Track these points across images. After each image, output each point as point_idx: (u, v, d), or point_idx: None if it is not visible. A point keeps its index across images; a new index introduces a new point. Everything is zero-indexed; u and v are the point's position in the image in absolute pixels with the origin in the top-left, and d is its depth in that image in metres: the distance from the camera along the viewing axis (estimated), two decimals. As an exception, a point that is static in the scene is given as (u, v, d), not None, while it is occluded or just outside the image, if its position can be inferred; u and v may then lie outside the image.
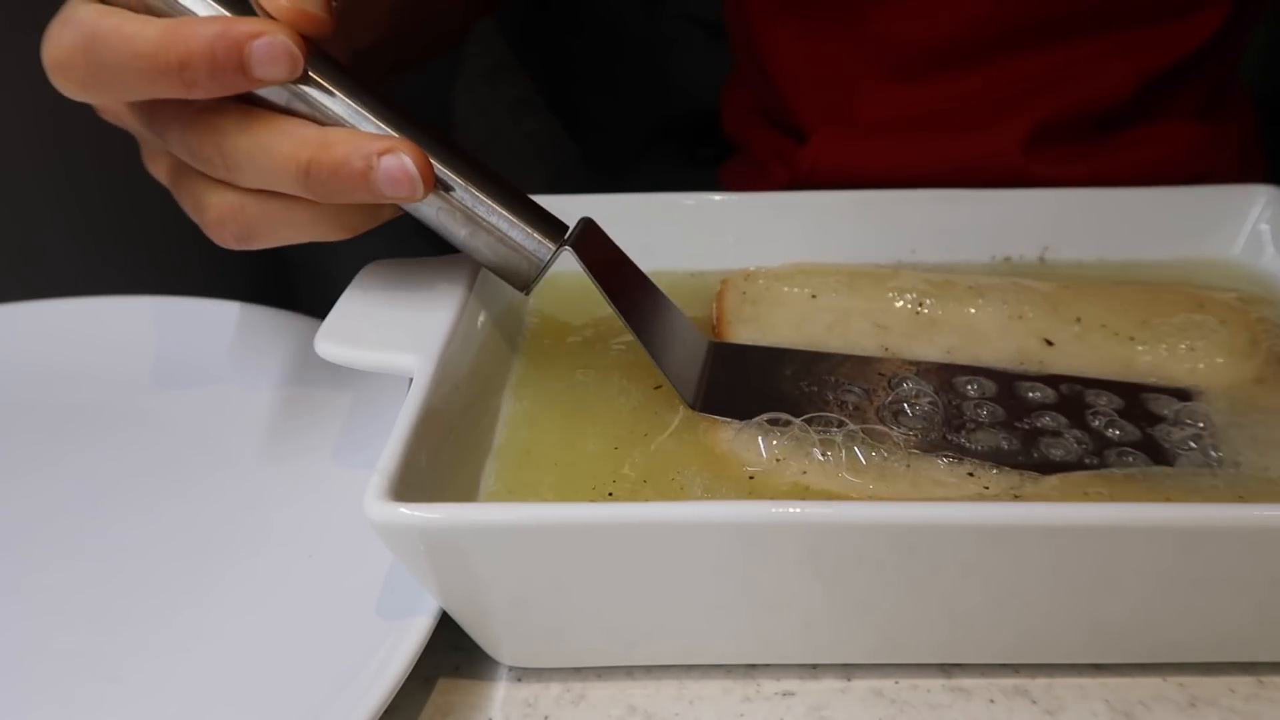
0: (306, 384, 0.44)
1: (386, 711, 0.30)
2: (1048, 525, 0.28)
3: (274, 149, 0.32)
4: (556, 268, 0.36)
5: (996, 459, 0.35)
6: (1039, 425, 0.37)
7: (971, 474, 0.35)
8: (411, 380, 0.34)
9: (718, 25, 0.65)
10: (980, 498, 0.34)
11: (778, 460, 0.35)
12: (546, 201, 0.38)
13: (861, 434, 0.36)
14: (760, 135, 0.63)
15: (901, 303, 0.42)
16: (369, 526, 0.29)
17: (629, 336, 0.41)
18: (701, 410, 0.37)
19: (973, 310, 0.42)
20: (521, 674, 0.34)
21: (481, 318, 0.40)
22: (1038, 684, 0.33)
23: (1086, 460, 0.35)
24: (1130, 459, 0.35)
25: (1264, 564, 0.29)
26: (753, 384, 0.39)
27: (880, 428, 0.36)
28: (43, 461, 0.42)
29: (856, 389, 0.38)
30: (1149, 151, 0.54)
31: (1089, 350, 0.40)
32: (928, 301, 0.42)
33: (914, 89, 0.54)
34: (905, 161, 0.54)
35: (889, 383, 0.38)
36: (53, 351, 0.47)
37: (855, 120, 0.56)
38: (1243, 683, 0.33)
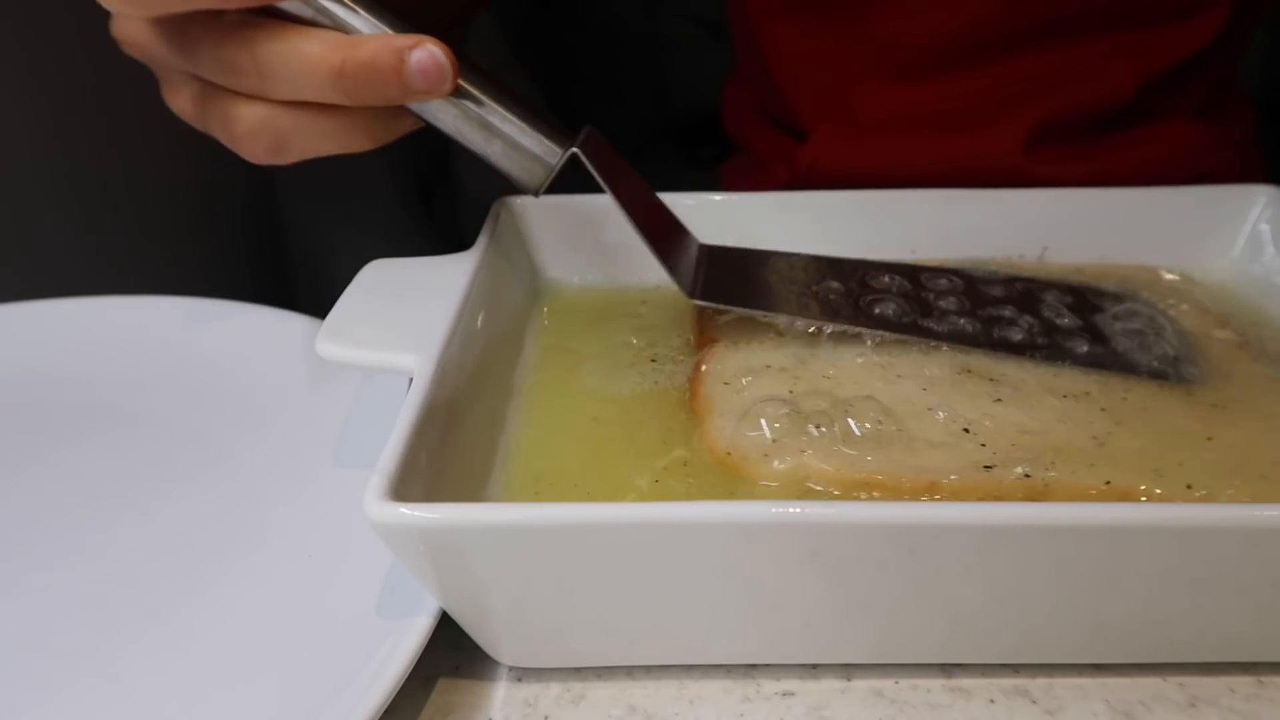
0: (306, 384, 0.44)
1: (386, 711, 0.30)
2: (1048, 525, 0.28)
3: (308, 52, 0.34)
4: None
5: (960, 339, 0.39)
6: (997, 314, 0.41)
7: (967, 429, 0.35)
8: (411, 380, 0.34)
9: (718, 25, 0.65)
10: (979, 454, 0.34)
11: (774, 442, 0.35)
12: (548, 199, 0.38)
13: (846, 408, 0.37)
14: (761, 134, 0.63)
15: None
16: (369, 526, 0.29)
17: (648, 355, 0.41)
18: (700, 298, 0.40)
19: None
20: (521, 674, 0.34)
21: (482, 317, 0.39)
22: (1038, 684, 0.33)
23: (1039, 341, 0.40)
24: (1081, 345, 0.39)
25: (1264, 564, 0.29)
26: (742, 279, 0.42)
27: (855, 327, 0.40)
28: (42, 461, 0.42)
29: (835, 284, 0.42)
30: (1149, 152, 0.54)
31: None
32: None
33: (915, 89, 0.54)
34: (905, 161, 0.54)
35: (863, 279, 0.42)
36: (52, 351, 0.47)
37: (856, 120, 0.56)
38: (1243, 683, 0.33)
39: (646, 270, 0.45)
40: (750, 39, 0.59)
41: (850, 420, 0.36)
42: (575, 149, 0.38)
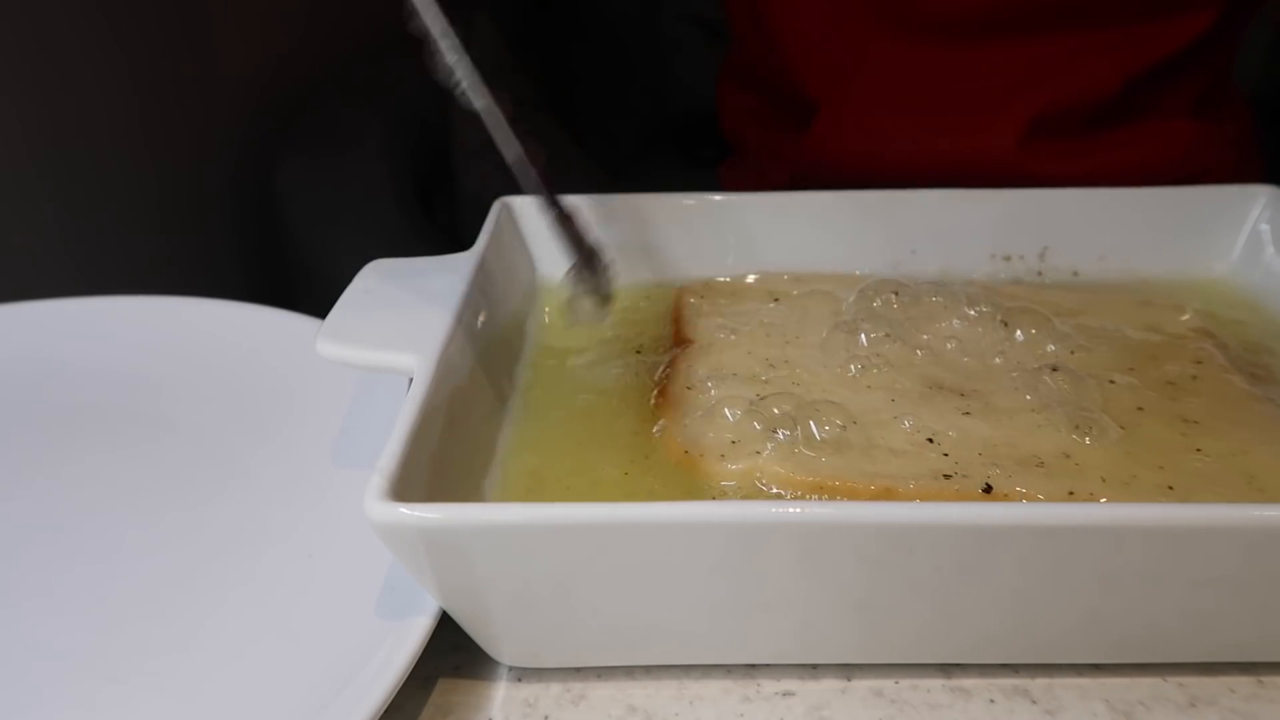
0: (306, 384, 0.44)
1: (386, 711, 0.30)
2: (1048, 525, 0.28)
3: None
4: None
5: None
6: None
7: (931, 439, 0.35)
8: (411, 380, 0.34)
9: (718, 25, 0.65)
10: (940, 463, 0.34)
11: (733, 443, 0.35)
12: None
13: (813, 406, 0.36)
14: (757, 134, 0.63)
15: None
16: (369, 526, 0.29)
17: (634, 346, 0.41)
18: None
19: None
20: (521, 674, 0.34)
21: (482, 318, 0.40)
22: (1038, 684, 0.33)
23: None
24: None
25: (1264, 564, 0.29)
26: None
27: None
28: (42, 461, 0.42)
29: None
30: (1146, 149, 0.54)
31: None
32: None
33: (919, 53, 0.54)
34: (905, 154, 0.54)
35: None
36: (52, 351, 0.47)
37: (860, 86, 0.56)
38: (1243, 683, 0.33)
39: (645, 269, 0.45)
40: (751, 5, 0.59)
41: (811, 424, 0.36)
42: None
